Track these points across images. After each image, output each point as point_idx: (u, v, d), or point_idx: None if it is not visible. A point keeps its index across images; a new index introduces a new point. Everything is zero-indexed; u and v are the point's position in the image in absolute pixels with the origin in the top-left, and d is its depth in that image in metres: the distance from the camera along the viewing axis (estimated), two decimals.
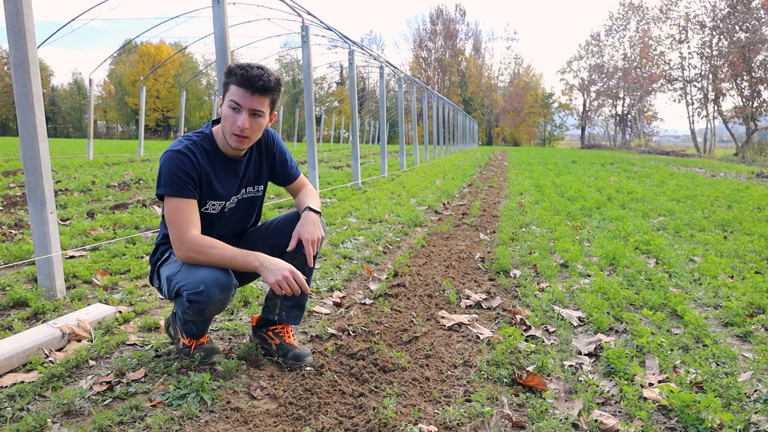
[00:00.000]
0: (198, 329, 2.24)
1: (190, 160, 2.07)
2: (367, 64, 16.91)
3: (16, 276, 3.51)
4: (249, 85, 2.01)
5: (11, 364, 2.19)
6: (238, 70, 2.02)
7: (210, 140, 2.18)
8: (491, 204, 7.59)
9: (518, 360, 2.33)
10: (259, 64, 2.07)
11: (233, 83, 2.03)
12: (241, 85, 2.02)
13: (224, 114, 2.08)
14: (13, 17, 2.85)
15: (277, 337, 2.36)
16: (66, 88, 66.65)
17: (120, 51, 49.79)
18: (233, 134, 2.08)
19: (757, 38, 28.57)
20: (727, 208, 6.90)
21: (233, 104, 2.04)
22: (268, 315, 2.37)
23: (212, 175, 2.15)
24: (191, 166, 2.07)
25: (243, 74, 2.00)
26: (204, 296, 1.98)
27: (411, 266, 3.92)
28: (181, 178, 2.03)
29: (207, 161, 2.14)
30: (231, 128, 2.07)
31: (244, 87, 2.02)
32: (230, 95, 2.05)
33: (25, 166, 2.96)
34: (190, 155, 2.08)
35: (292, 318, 2.35)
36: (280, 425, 1.81)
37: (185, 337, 2.27)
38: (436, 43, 66.56)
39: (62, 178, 9.89)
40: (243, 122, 2.04)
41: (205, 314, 2.08)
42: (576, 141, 66.31)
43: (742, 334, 2.68)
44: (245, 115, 2.04)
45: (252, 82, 2.01)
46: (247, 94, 2.02)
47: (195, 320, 2.17)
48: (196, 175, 2.08)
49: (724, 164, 20.15)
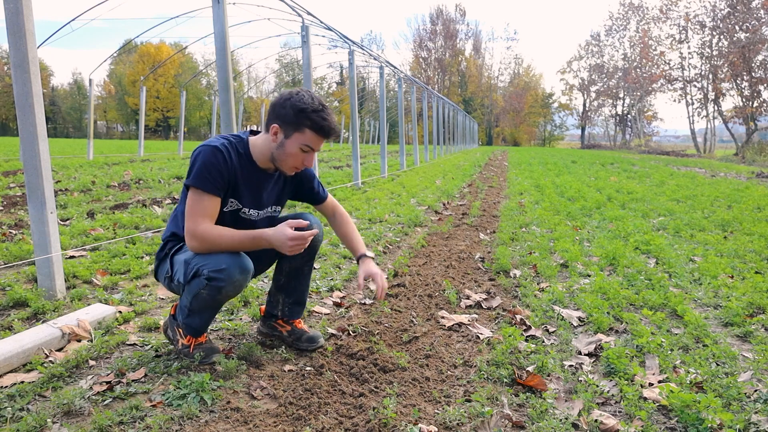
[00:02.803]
0: (201, 323, 2.23)
1: (224, 157, 2.09)
2: (367, 64, 16.92)
3: (16, 276, 3.51)
4: (326, 135, 2.11)
5: (11, 364, 2.19)
6: (315, 117, 2.06)
7: (245, 146, 2.19)
8: (491, 204, 7.59)
9: (518, 360, 2.33)
10: (322, 101, 2.09)
11: (309, 129, 2.07)
12: (319, 133, 2.09)
13: (289, 151, 2.11)
14: (13, 17, 2.85)
15: (288, 324, 2.48)
16: (66, 88, 66.72)
17: (120, 51, 49.79)
18: (294, 168, 2.18)
19: (757, 38, 28.56)
20: (727, 208, 6.90)
21: (306, 148, 2.11)
22: (272, 310, 2.50)
23: (240, 178, 2.17)
24: (224, 163, 2.09)
25: (325, 125, 2.08)
26: (224, 274, 2.01)
27: (411, 266, 3.92)
28: (212, 174, 2.05)
29: (239, 164, 2.16)
30: (294, 164, 2.16)
31: (321, 135, 2.10)
32: (305, 140, 2.09)
33: (25, 166, 2.96)
34: (225, 153, 2.10)
35: (294, 314, 2.49)
36: (280, 425, 1.81)
37: (184, 336, 2.27)
38: (436, 43, 66.59)
39: (62, 178, 9.89)
40: (311, 162, 2.17)
41: (220, 295, 2.07)
42: (576, 141, 66.32)
43: (742, 334, 2.68)
44: (313, 156, 2.17)
45: (330, 132, 2.11)
46: (321, 140, 2.12)
47: (203, 307, 2.15)
48: (227, 173, 2.10)
49: (724, 164, 20.15)
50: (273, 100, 2.16)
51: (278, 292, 2.48)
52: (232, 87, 4.83)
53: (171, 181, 9.99)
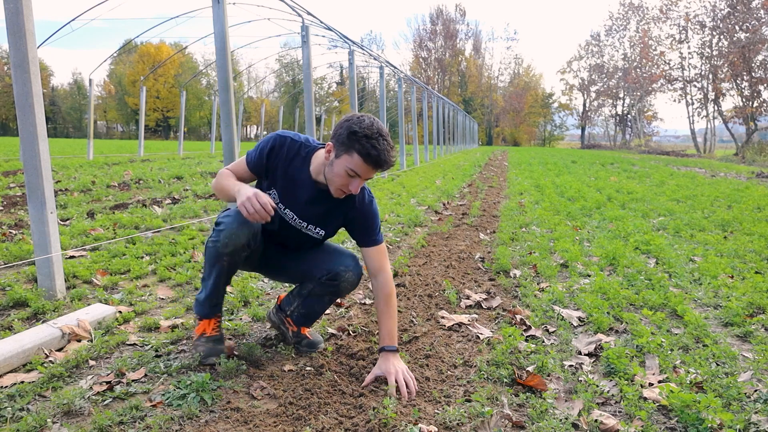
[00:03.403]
0: (207, 293, 2.23)
1: (274, 146, 2.19)
2: (367, 64, 16.92)
3: (16, 276, 3.51)
4: (374, 164, 2.00)
5: (11, 364, 2.19)
6: (366, 143, 1.96)
7: (308, 152, 2.20)
8: (491, 204, 7.59)
9: (518, 360, 2.33)
10: (381, 130, 1.99)
11: (359, 154, 1.97)
12: (366, 160, 1.98)
13: (336, 172, 2.04)
14: (13, 17, 2.85)
15: (294, 325, 2.48)
16: (66, 88, 66.69)
17: (120, 51, 49.78)
18: (340, 190, 2.10)
19: (757, 38, 28.56)
20: (727, 208, 6.90)
21: (352, 173, 2.02)
22: (286, 306, 2.50)
23: (280, 170, 2.20)
24: (270, 150, 2.19)
25: (373, 154, 1.96)
26: (228, 221, 2.11)
27: (411, 266, 3.92)
28: (257, 151, 2.21)
29: (287, 159, 2.19)
30: (340, 186, 2.07)
31: (368, 163, 1.99)
32: (352, 164, 1.99)
33: (25, 166, 2.96)
34: (278, 143, 2.19)
35: (300, 321, 2.47)
36: (280, 425, 1.81)
37: (196, 321, 2.32)
38: (436, 43, 66.58)
39: (62, 178, 9.89)
40: (356, 189, 2.06)
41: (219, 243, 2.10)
42: (576, 141, 66.32)
43: (742, 334, 2.68)
44: (360, 182, 2.06)
45: (379, 163, 1.99)
46: (369, 169, 2.01)
47: (209, 264, 2.18)
48: (269, 159, 2.19)
49: (724, 164, 20.15)
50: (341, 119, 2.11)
51: (297, 297, 2.45)
52: (232, 87, 4.83)
53: (171, 181, 9.99)
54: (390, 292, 2.23)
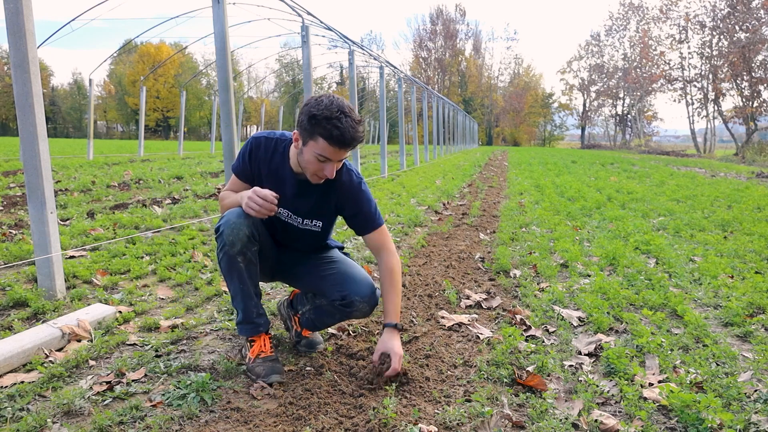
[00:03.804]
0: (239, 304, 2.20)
1: (252, 148, 2.22)
2: (367, 64, 16.92)
3: (16, 276, 3.51)
4: (339, 145, 1.95)
5: (11, 364, 2.19)
6: (327, 124, 1.92)
7: (285, 145, 2.20)
8: (491, 204, 7.59)
9: (518, 360, 2.33)
10: (342, 107, 1.94)
11: (323, 137, 1.94)
12: (331, 142, 1.94)
13: (307, 159, 2.01)
14: (13, 17, 2.85)
15: (299, 325, 2.48)
16: (66, 88, 66.70)
17: (120, 51, 49.79)
18: (316, 176, 2.07)
19: (757, 38, 28.55)
20: (727, 208, 6.90)
21: (322, 158, 1.98)
22: (298, 304, 2.50)
23: (264, 171, 2.22)
24: (250, 153, 2.22)
25: (336, 134, 1.91)
26: (224, 219, 2.14)
27: (411, 266, 3.92)
28: (239, 159, 2.26)
29: (268, 159, 2.20)
30: (315, 173, 2.05)
31: (334, 144, 1.94)
32: (319, 149, 1.96)
33: (25, 166, 2.96)
34: (256, 144, 2.22)
35: (307, 325, 2.46)
36: (280, 425, 1.81)
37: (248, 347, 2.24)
38: (436, 43, 66.58)
39: (62, 178, 9.89)
40: (330, 172, 2.03)
41: (226, 245, 2.10)
42: (576, 141, 66.31)
43: (742, 334, 2.68)
44: (333, 165, 2.02)
45: (344, 142, 1.94)
46: (337, 151, 1.97)
47: (227, 272, 2.16)
48: (252, 162, 2.23)
49: (724, 164, 20.15)
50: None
51: (310, 303, 2.41)
52: (232, 87, 4.83)
53: (171, 181, 9.99)
54: (392, 268, 2.21)
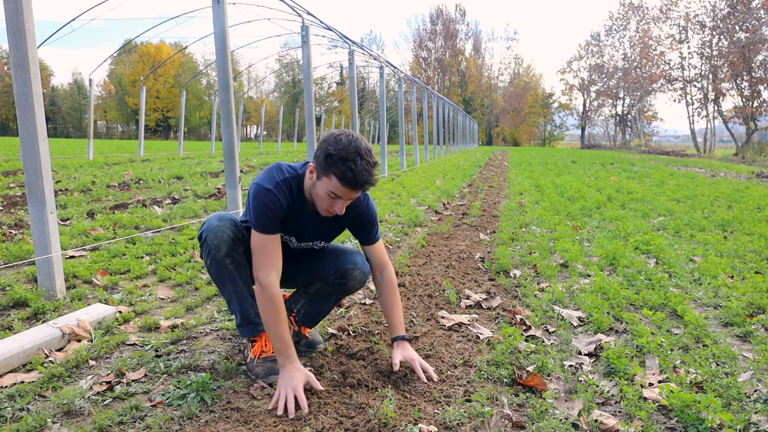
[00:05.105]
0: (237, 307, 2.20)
1: (278, 200, 2.07)
2: (367, 64, 16.92)
3: (16, 276, 3.51)
4: (352, 187, 1.96)
5: (11, 364, 2.19)
6: (342, 165, 1.92)
7: (298, 183, 2.15)
8: (491, 204, 7.59)
9: (518, 360, 2.33)
10: (359, 149, 1.94)
11: (336, 176, 1.94)
12: (344, 183, 1.95)
13: (319, 194, 2.02)
14: (13, 17, 2.85)
15: (296, 324, 2.48)
16: (66, 88, 66.69)
17: (120, 51, 49.79)
18: (326, 210, 2.08)
19: (757, 38, 28.55)
20: (727, 208, 6.90)
21: (333, 195, 1.99)
22: (291, 304, 2.50)
23: (290, 215, 2.16)
24: (278, 206, 2.07)
25: (349, 177, 1.92)
26: (205, 225, 2.17)
27: (411, 266, 3.92)
28: (269, 216, 2.06)
29: (291, 202, 2.13)
30: (326, 207, 2.06)
31: (346, 186, 1.95)
32: (331, 187, 1.97)
33: (25, 166, 2.96)
34: (278, 195, 2.07)
35: (305, 321, 2.48)
36: (280, 425, 1.81)
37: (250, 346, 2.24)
38: (436, 43, 66.57)
39: (62, 178, 9.89)
40: (340, 209, 2.04)
41: (213, 249, 2.12)
42: (576, 141, 66.29)
43: (742, 334, 2.68)
44: (343, 203, 2.04)
45: (357, 185, 1.95)
46: (349, 191, 1.98)
47: (218, 277, 2.19)
48: (281, 213, 2.10)
49: (724, 164, 20.15)
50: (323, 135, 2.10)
51: (303, 296, 2.47)
52: (232, 87, 4.83)
53: (171, 181, 9.99)
54: (395, 284, 2.36)
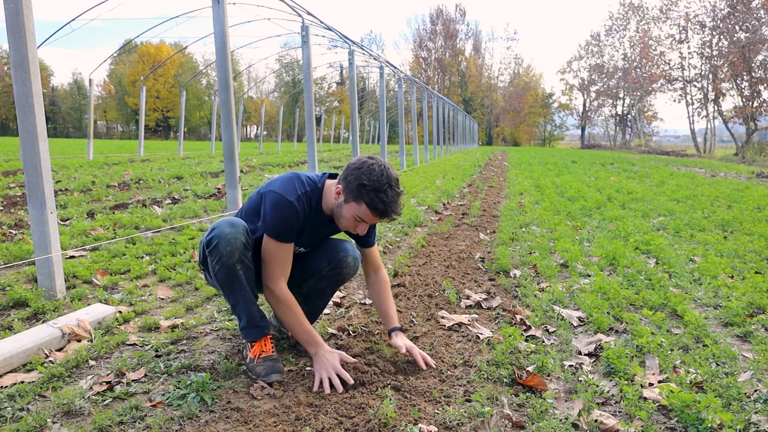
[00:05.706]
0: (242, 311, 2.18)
1: (297, 213, 2.15)
2: (367, 64, 16.92)
3: (16, 276, 3.51)
4: (381, 216, 2.09)
5: (11, 364, 2.19)
6: (374, 196, 2.04)
7: (317, 197, 2.24)
8: (491, 204, 7.59)
9: (518, 360, 2.33)
10: (390, 180, 2.06)
11: (367, 205, 2.06)
12: (373, 212, 2.07)
13: (345, 215, 2.14)
14: (13, 17, 2.85)
15: None
16: (66, 88, 66.68)
17: (120, 51, 49.79)
18: (347, 229, 2.22)
19: (757, 38, 28.54)
20: (727, 208, 6.90)
21: (359, 219, 2.12)
22: None
23: (306, 227, 2.24)
24: (296, 219, 2.16)
25: (380, 208, 2.05)
26: (215, 233, 2.12)
27: (411, 266, 3.92)
28: (285, 228, 2.15)
29: (308, 216, 2.22)
30: (347, 228, 2.20)
31: (375, 215, 2.08)
32: (359, 213, 2.10)
33: (25, 166, 2.96)
34: (299, 208, 2.15)
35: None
36: (280, 425, 1.81)
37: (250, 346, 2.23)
38: (436, 43, 66.55)
39: (62, 178, 9.89)
40: (362, 231, 2.19)
41: (223, 257, 2.09)
42: (576, 141, 66.28)
43: (742, 334, 2.68)
44: (366, 226, 2.17)
45: (385, 215, 2.08)
46: (376, 218, 2.12)
47: (225, 284, 2.14)
48: (299, 226, 2.19)
49: (724, 164, 20.15)
50: (353, 159, 2.16)
51: (300, 293, 2.49)
52: (232, 87, 4.83)
53: (171, 181, 9.99)
54: (389, 282, 2.54)
